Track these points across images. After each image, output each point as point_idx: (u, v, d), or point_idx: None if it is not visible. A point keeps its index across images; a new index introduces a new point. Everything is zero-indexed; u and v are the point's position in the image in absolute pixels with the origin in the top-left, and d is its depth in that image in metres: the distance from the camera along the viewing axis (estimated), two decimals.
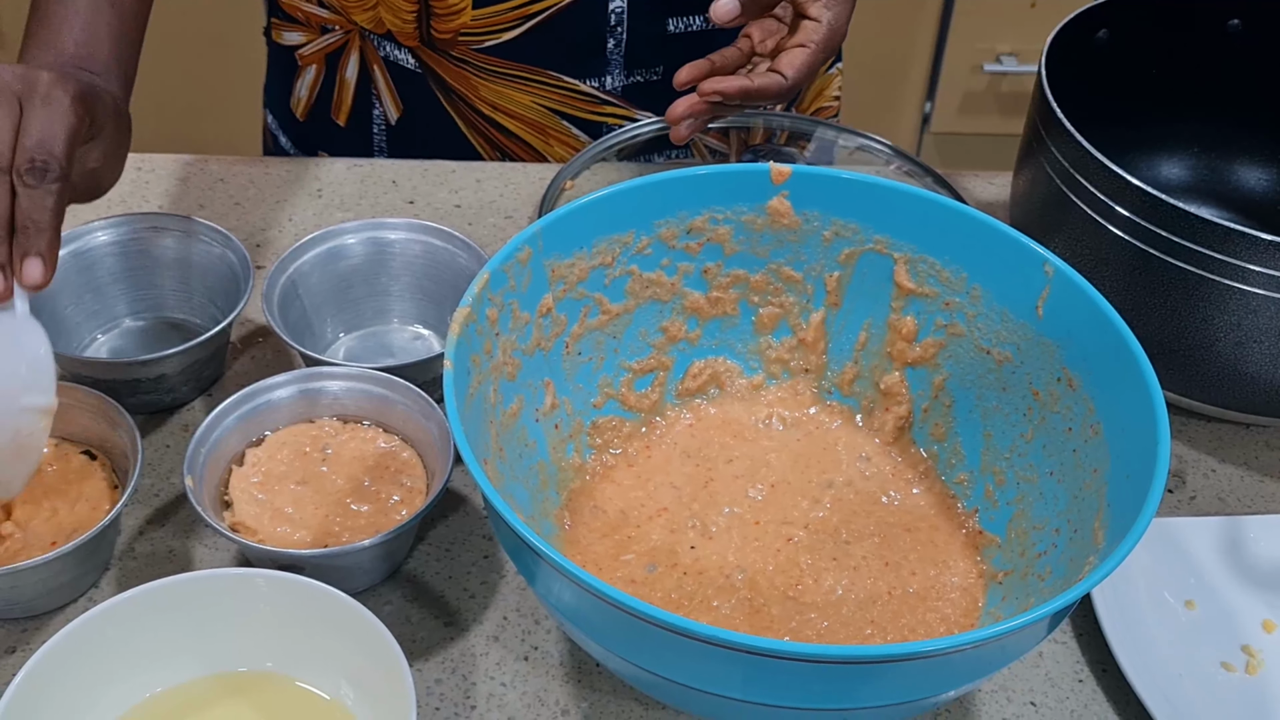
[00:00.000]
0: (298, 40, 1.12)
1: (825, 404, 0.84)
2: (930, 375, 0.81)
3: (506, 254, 0.72)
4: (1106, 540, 0.65)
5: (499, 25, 1.04)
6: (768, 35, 0.97)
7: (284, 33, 1.13)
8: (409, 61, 1.09)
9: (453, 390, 0.65)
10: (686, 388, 0.84)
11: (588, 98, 1.10)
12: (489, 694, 0.75)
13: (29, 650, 0.74)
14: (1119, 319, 0.69)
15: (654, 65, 1.10)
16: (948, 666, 0.60)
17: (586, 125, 1.12)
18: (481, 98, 1.09)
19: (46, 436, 0.73)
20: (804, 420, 0.84)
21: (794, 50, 0.93)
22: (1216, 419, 0.93)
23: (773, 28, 0.97)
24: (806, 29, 0.93)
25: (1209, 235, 0.81)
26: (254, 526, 0.77)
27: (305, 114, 1.16)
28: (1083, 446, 0.71)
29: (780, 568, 0.75)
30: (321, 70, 1.12)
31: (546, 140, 1.12)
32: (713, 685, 0.60)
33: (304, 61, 1.13)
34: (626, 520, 0.77)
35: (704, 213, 0.79)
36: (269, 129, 1.20)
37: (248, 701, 0.70)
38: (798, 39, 0.93)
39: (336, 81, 1.12)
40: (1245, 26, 1.01)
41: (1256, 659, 0.78)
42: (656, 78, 1.10)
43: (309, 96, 1.15)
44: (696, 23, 1.09)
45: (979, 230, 0.76)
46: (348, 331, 0.95)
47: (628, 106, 1.11)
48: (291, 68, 1.14)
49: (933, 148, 2.26)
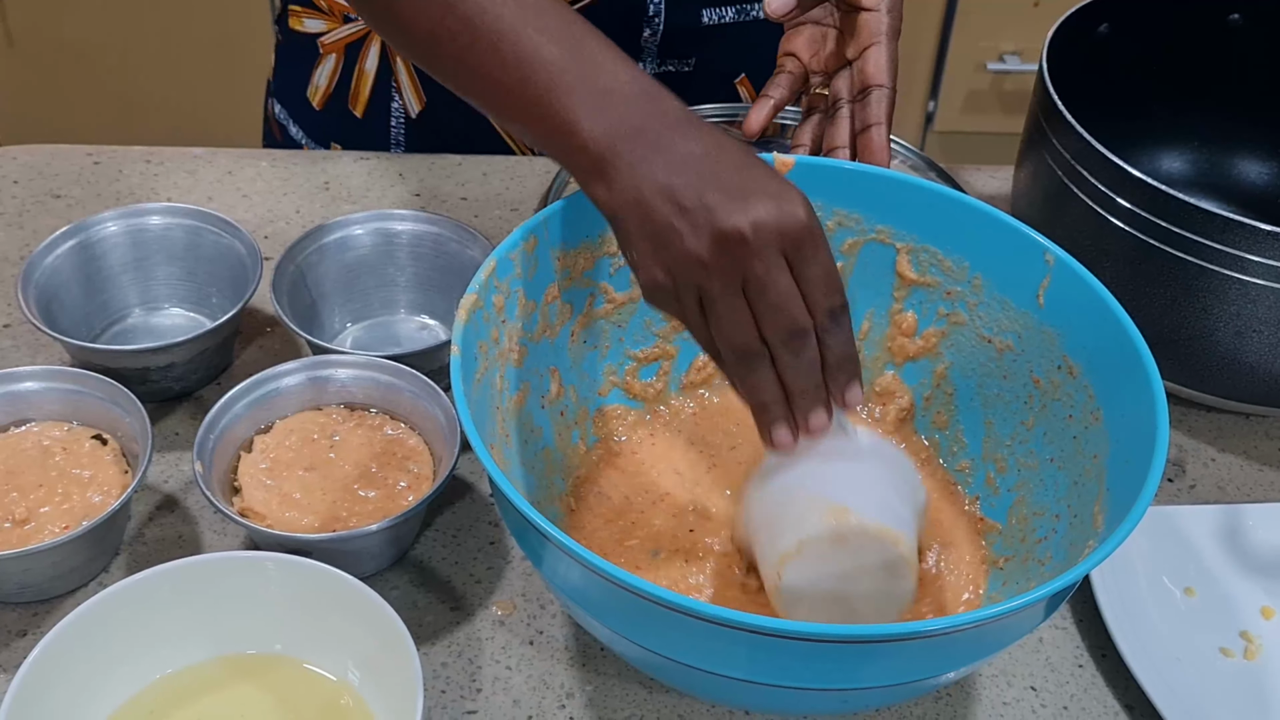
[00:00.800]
0: (319, 28, 1.11)
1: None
2: (932, 364, 0.82)
3: (513, 242, 0.73)
4: (1106, 524, 0.66)
5: None
6: (815, 47, 0.91)
7: (304, 20, 1.12)
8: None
9: (459, 375, 0.66)
10: (691, 380, 0.84)
11: None
12: (495, 677, 0.75)
13: (40, 633, 0.74)
14: (1119, 306, 0.70)
15: (687, 56, 1.09)
16: (948, 646, 0.61)
17: None
18: None
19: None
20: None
21: (870, 52, 0.86)
22: (1216, 409, 0.94)
23: (816, 36, 0.91)
24: (870, 23, 0.86)
25: (1209, 226, 0.81)
26: (262, 512, 0.78)
27: (322, 103, 1.15)
28: (1083, 433, 0.72)
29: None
30: (341, 59, 1.11)
31: None
32: (716, 665, 0.61)
33: (324, 50, 1.12)
34: (630, 506, 0.78)
35: None
36: (275, 119, 1.19)
37: (256, 683, 0.71)
38: (865, 38, 0.86)
39: (356, 72, 1.12)
40: (1246, 20, 1.01)
41: (1255, 645, 0.79)
42: (689, 68, 1.10)
43: (327, 86, 1.13)
44: (729, 14, 1.08)
45: (980, 220, 0.77)
46: (355, 321, 0.95)
47: None
48: (310, 56, 1.13)
49: (936, 146, 2.27)
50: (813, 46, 0.91)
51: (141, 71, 2.16)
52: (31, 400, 0.81)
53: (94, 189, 1.07)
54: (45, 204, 1.05)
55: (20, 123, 2.22)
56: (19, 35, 2.13)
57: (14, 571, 0.74)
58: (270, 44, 1.18)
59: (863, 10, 0.86)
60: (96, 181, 1.07)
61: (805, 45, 0.91)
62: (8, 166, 1.09)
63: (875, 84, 0.86)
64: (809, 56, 0.91)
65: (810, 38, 0.91)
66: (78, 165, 1.09)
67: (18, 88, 2.18)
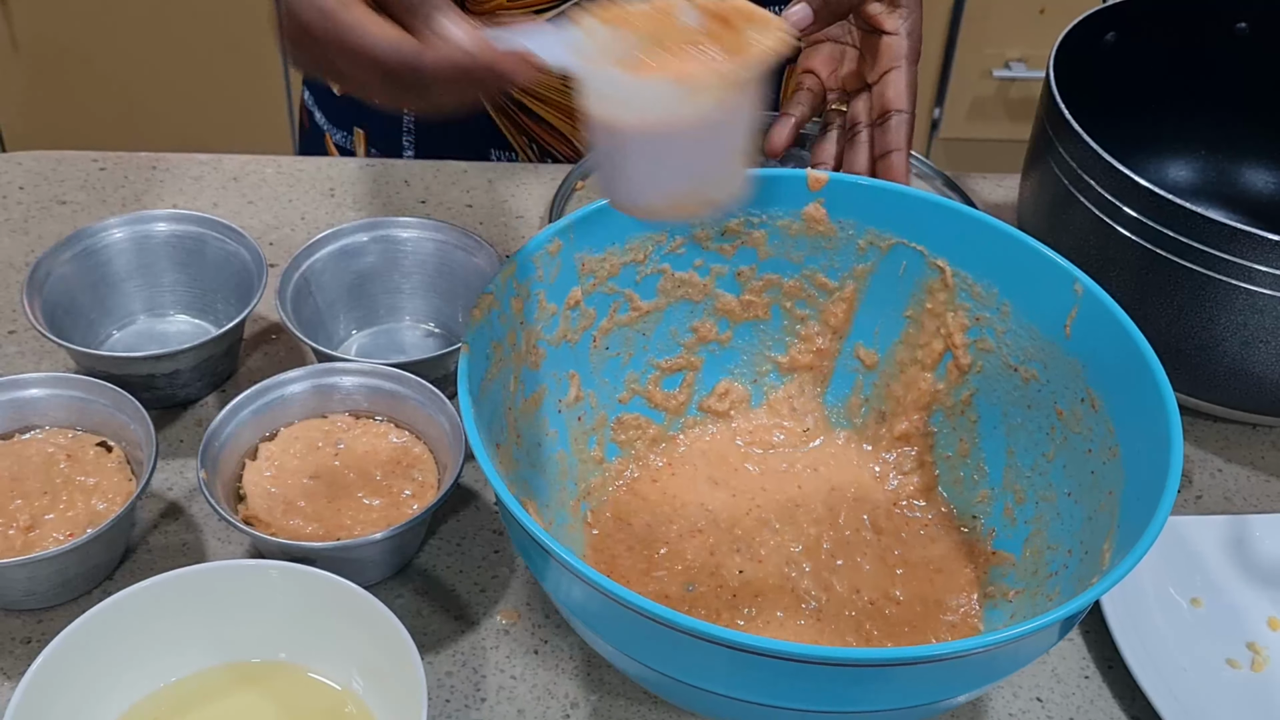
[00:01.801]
0: None
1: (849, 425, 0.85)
2: (958, 390, 0.81)
3: (536, 244, 0.73)
4: (1111, 562, 0.65)
5: (537, 5, 1.05)
6: (834, 65, 0.92)
7: None
8: None
9: (467, 374, 0.66)
10: (711, 406, 0.84)
11: None
12: (499, 686, 0.75)
13: (44, 641, 0.74)
14: (1145, 342, 0.69)
15: None
16: (960, 669, 0.60)
17: None
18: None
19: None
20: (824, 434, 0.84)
21: (890, 77, 0.87)
22: (1223, 419, 0.93)
23: (835, 54, 0.92)
24: (890, 47, 0.87)
25: (1216, 235, 0.81)
26: (267, 519, 0.78)
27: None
28: (1101, 468, 0.71)
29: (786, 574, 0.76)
30: None
31: (574, 125, 1.12)
32: (718, 686, 0.61)
33: None
34: (654, 535, 0.78)
35: (739, 215, 0.79)
36: (305, 106, 1.21)
37: (260, 691, 0.71)
38: (885, 62, 0.87)
39: None
40: (1253, 29, 1.01)
41: (1262, 656, 0.79)
42: None
43: None
44: None
45: (1011, 246, 0.75)
46: (360, 329, 0.95)
47: None
48: None
49: (942, 153, 2.27)
50: (831, 64, 0.92)
51: (147, 78, 2.16)
52: (36, 407, 0.81)
53: (99, 195, 1.07)
54: (51, 210, 1.05)
55: (26, 128, 2.23)
56: (24, 41, 2.13)
57: (18, 579, 0.74)
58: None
59: (884, 34, 0.87)
60: (102, 188, 1.07)
61: (824, 63, 0.92)
62: (13, 172, 1.09)
63: (895, 109, 0.87)
64: (827, 74, 0.92)
65: (829, 55, 0.92)
66: (83, 171, 1.09)
67: (23, 93, 2.19)
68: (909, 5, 0.88)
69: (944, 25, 2.12)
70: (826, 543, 0.78)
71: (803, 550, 0.77)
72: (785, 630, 0.73)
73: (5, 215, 1.04)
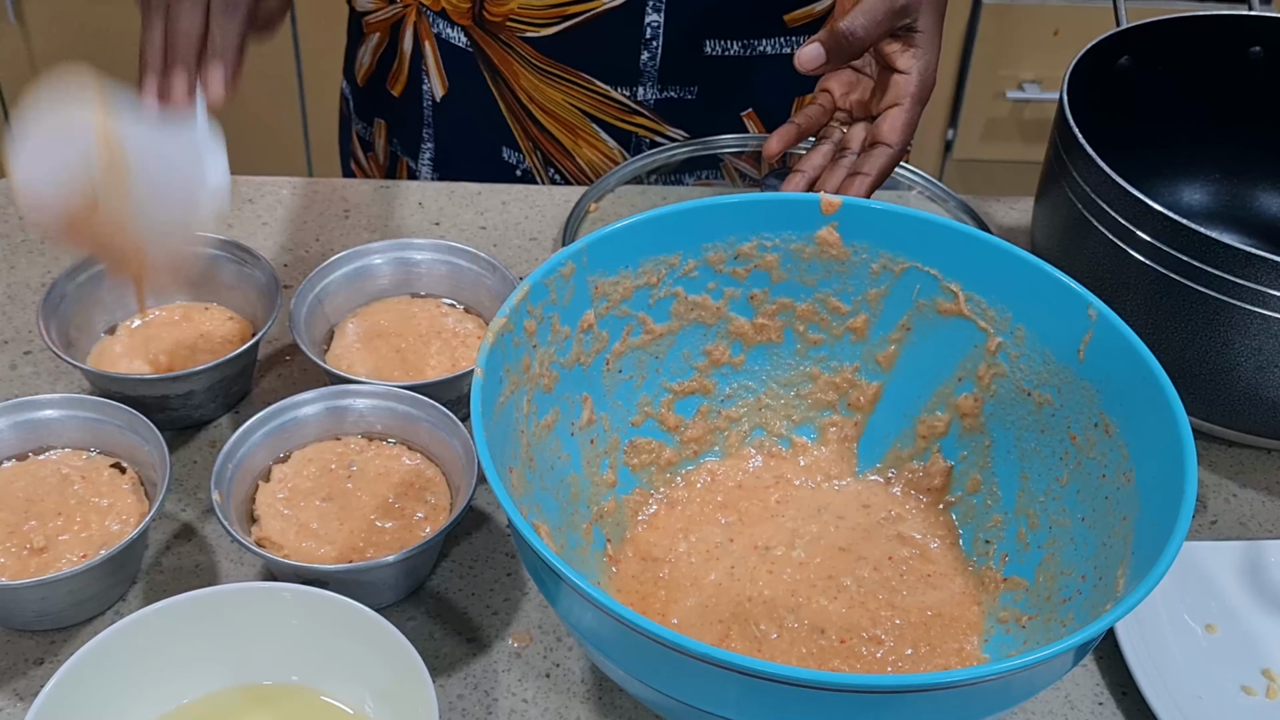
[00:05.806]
0: (367, 6, 1.16)
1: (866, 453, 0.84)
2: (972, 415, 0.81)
3: (549, 267, 0.73)
4: (1126, 588, 0.65)
5: (540, 19, 1.06)
6: (849, 89, 0.94)
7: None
8: (460, 40, 1.11)
9: (480, 397, 0.66)
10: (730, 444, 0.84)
11: (618, 105, 1.11)
12: (511, 710, 0.75)
13: (57, 662, 0.74)
14: (1159, 366, 0.68)
15: (689, 84, 1.10)
16: (974, 696, 0.60)
17: (616, 132, 1.13)
18: (521, 86, 1.11)
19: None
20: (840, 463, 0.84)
21: (890, 112, 0.90)
22: (1238, 443, 0.93)
23: (852, 79, 0.94)
24: (898, 85, 0.89)
25: (1230, 260, 0.81)
26: (280, 542, 0.78)
27: (365, 80, 1.20)
28: (1115, 493, 0.70)
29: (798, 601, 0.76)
30: (385, 39, 1.16)
31: (576, 140, 1.13)
32: (730, 711, 0.60)
33: (369, 29, 1.16)
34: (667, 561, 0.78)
35: (752, 239, 0.79)
36: (344, 95, 1.26)
37: (273, 713, 0.71)
38: (890, 98, 0.90)
39: (396, 52, 1.15)
40: (1267, 53, 1.01)
41: (1277, 683, 0.78)
42: (691, 97, 1.11)
43: (370, 63, 1.18)
44: (734, 47, 1.09)
45: (1024, 270, 0.75)
46: None
47: (659, 121, 1.12)
48: (360, 33, 1.18)
49: (955, 174, 2.27)
50: (846, 87, 0.94)
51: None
52: (51, 428, 0.82)
53: None
54: None
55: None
56: (42, 60, 2.14)
57: (32, 599, 0.75)
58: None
59: (896, 72, 0.90)
60: None
61: (840, 85, 0.95)
62: None
63: (884, 142, 0.89)
64: (840, 95, 0.94)
65: (847, 79, 0.95)
66: None
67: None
68: (925, 46, 0.89)
69: (958, 46, 2.12)
70: (840, 571, 0.77)
71: (816, 578, 0.77)
72: (797, 657, 0.73)
73: (22, 236, 1.05)
